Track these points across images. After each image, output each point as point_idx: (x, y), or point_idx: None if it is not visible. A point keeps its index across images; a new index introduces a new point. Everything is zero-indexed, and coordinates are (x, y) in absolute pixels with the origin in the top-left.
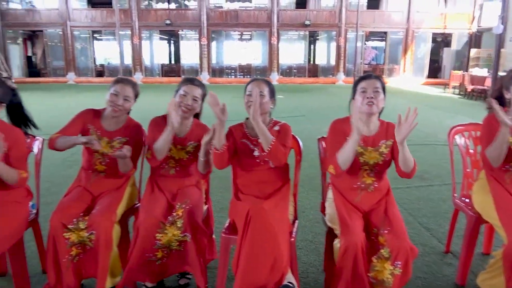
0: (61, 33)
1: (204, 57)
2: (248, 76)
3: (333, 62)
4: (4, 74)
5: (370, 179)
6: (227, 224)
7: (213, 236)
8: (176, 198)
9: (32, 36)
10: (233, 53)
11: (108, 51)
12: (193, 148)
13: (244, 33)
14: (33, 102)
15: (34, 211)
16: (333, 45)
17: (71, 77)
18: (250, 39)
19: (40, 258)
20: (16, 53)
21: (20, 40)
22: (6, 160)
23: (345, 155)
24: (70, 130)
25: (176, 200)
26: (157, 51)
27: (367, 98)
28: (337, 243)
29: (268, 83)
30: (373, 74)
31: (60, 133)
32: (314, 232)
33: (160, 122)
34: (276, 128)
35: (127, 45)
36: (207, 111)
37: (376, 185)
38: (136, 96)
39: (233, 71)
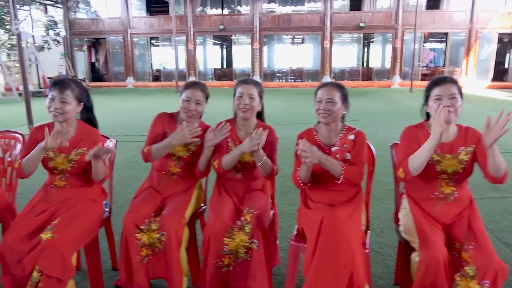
0: (122, 40)
1: (256, 61)
2: (300, 80)
3: (388, 65)
4: (80, 76)
5: (449, 189)
6: (295, 232)
7: (277, 241)
8: (244, 202)
9: (95, 43)
10: (284, 57)
11: (164, 57)
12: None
13: (296, 36)
14: (96, 105)
15: (108, 209)
16: (389, 47)
17: (130, 81)
18: (302, 42)
19: (110, 256)
20: (81, 59)
21: (85, 47)
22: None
23: (417, 160)
24: (155, 139)
25: (244, 205)
26: (210, 56)
27: (444, 107)
28: (415, 256)
29: (340, 88)
30: (448, 77)
31: (148, 144)
32: (380, 243)
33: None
34: (351, 137)
35: (181, 50)
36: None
37: (456, 195)
38: (206, 98)
39: (284, 75)
